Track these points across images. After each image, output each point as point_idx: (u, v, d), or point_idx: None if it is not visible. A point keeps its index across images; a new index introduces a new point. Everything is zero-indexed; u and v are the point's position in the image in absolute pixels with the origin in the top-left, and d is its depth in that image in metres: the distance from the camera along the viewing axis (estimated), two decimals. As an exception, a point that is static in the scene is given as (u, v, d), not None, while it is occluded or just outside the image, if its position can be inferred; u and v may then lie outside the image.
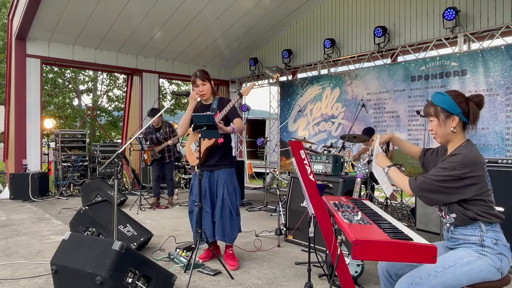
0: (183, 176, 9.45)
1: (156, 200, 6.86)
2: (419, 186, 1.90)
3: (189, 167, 8.71)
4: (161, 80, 11.20)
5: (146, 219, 5.64)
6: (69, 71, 19.13)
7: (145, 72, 9.60)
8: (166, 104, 18.83)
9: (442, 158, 2.03)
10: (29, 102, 7.96)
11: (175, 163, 7.73)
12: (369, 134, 5.66)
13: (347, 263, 2.85)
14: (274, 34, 9.38)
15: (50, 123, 8.58)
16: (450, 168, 1.83)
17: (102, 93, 20.56)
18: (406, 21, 6.94)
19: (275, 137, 9.76)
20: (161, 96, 15.84)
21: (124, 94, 18.64)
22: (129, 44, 8.78)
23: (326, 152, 5.59)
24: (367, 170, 2.66)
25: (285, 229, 4.46)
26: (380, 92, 7.18)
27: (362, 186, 4.78)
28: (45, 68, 16.17)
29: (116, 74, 18.17)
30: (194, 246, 3.45)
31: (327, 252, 3.22)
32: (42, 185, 7.48)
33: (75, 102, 20.47)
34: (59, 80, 18.88)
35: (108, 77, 20.31)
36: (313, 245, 2.71)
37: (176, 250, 3.82)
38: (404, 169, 5.70)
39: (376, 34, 6.98)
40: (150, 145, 6.72)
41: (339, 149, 5.52)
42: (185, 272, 3.40)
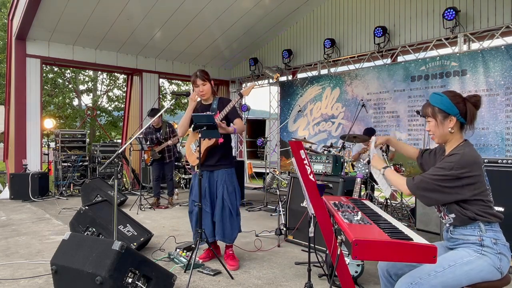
0: (183, 176, 9.45)
1: (156, 200, 6.86)
2: (417, 185, 1.91)
3: (189, 167, 8.71)
4: (161, 80, 11.20)
5: (146, 219, 5.64)
6: (69, 71, 19.13)
7: (145, 72, 9.60)
8: (166, 104, 18.83)
9: (440, 158, 2.03)
10: (29, 102, 7.96)
11: (175, 163, 7.73)
12: (369, 134, 5.66)
13: (347, 263, 2.85)
14: (274, 34, 9.38)
15: (50, 123, 8.58)
16: (447, 168, 1.84)
17: (102, 93, 20.57)
18: (406, 21, 6.94)
19: (275, 137, 9.76)
20: (161, 96, 15.84)
21: (124, 94, 18.64)
22: (129, 44, 8.79)
23: (326, 152, 5.59)
24: (367, 170, 2.65)
25: (285, 229, 4.46)
26: (380, 92, 7.18)
27: (362, 186, 4.78)
28: (45, 68, 16.17)
29: (116, 74, 18.17)
30: (194, 246, 3.45)
31: (327, 252, 3.22)
32: (42, 185, 7.49)
33: (75, 102, 20.51)
34: (59, 80, 18.89)
35: (108, 77, 20.32)
36: (313, 245, 2.71)
37: (176, 250, 3.82)
38: (404, 169, 5.70)
39: (376, 34, 6.98)
40: (150, 145, 6.72)
41: (339, 149, 5.52)
42: (185, 272, 3.40)
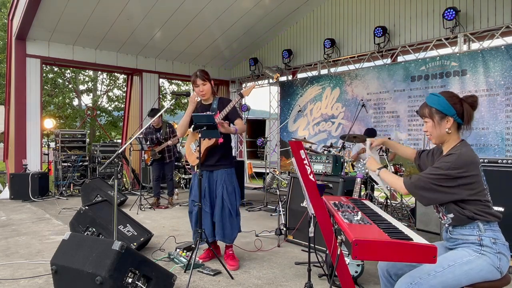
0: (183, 176, 9.45)
1: (156, 200, 6.86)
2: (414, 184, 1.91)
3: (189, 167, 8.72)
4: (161, 80, 11.20)
5: (146, 219, 5.64)
6: (69, 71, 19.13)
7: (145, 72, 9.60)
8: (166, 104, 18.83)
9: (438, 159, 2.04)
10: (29, 102, 7.96)
11: (175, 163, 7.73)
12: (370, 135, 5.66)
13: (347, 263, 2.85)
14: (274, 34, 9.38)
15: (50, 123, 8.58)
16: (444, 167, 1.85)
17: (102, 93, 20.57)
18: (406, 21, 6.94)
19: (275, 137, 9.76)
20: (161, 96, 15.84)
21: (124, 94, 18.64)
22: (129, 44, 8.79)
23: (326, 152, 5.59)
24: (367, 170, 2.65)
25: (285, 229, 4.45)
26: (380, 92, 7.18)
27: (362, 186, 4.79)
28: (45, 68, 16.17)
29: (116, 74, 18.17)
30: (194, 246, 3.45)
31: (327, 252, 3.22)
32: (42, 185, 7.48)
33: (75, 102, 20.51)
34: (59, 80, 18.88)
35: (108, 77, 20.32)
36: (313, 245, 2.71)
37: (176, 250, 3.82)
38: (404, 169, 5.70)
39: (376, 34, 6.98)
40: (150, 145, 6.72)
41: (339, 149, 5.52)
42: (185, 272, 3.40)
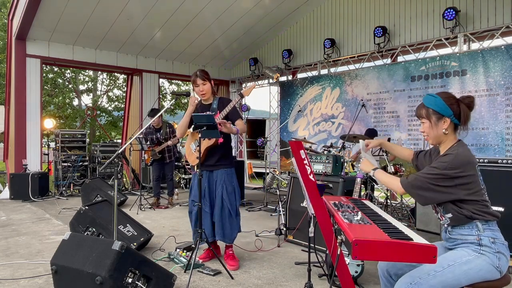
0: (183, 176, 9.45)
1: (156, 200, 6.86)
2: (411, 184, 1.92)
3: (189, 167, 8.71)
4: (161, 80, 11.20)
5: (146, 219, 5.64)
6: (69, 71, 19.13)
7: (145, 72, 9.60)
8: (166, 104, 18.83)
9: (435, 159, 2.04)
10: (29, 102, 7.96)
11: (175, 163, 7.73)
12: (371, 135, 5.67)
13: (347, 263, 2.85)
14: (274, 34, 9.38)
15: (50, 123, 8.58)
16: (441, 167, 1.86)
17: (102, 93, 20.57)
18: (406, 21, 6.94)
19: (275, 137, 9.76)
20: (161, 96, 15.84)
21: (124, 94, 18.64)
22: (129, 44, 8.78)
23: (326, 152, 5.59)
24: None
25: (285, 229, 4.45)
26: (380, 92, 7.18)
27: (362, 186, 4.79)
28: (45, 68, 16.17)
29: (116, 74, 18.17)
30: (194, 246, 3.45)
31: (327, 252, 3.22)
32: (42, 185, 7.48)
33: (75, 102, 20.52)
34: (59, 80, 18.89)
35: (108, 77, 20.32)
36: (313, 245, 2.71)
37: (176, 250, 3.82)
38: (404, 169, 5.69)
39: (376, 34, 6.98)
40: (150, 145, 6.72)
41: (339, 149, 5.52)
42: (185, 272, 3.40)
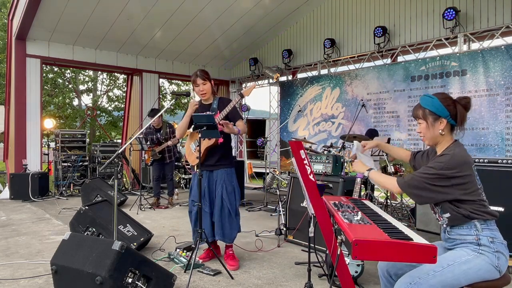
0: (183, 176, 9.45)
1: (156, 200, 6.86)
2: (407, 183, 1.93)
3: (189, 167, 8.71)
4: (161, 80, 11.20)
5: (146, 219, 5.64)
6: (69, 71, 19.13)
7: (145, 72, 9.60)
8: (166, 104, 18.83)
9: (433, 159, 2.05)
10: (29, 102, 7.96)
11: (175, 163, 7.73)
12: (371, 135, 5.67)
13: (347, 263, 2.85)
14: (274, 34, 9.38)
15: (50, 123, 8.58)
16: (437, 167, 1.86)
17: (102, 93, 20.57)
18: (406, 21, 6.94)
19: (275, 137, 9.76)
20: (161, 96, 15.84)
21: (124, 94, 18.64)
22: (129, 44, 8.78)
23: (326, 152, 5.58)
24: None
25: (285, 229, 4.45)
26: (380, 92, 7.18)
27: (362, 186, 4.79)
28: (45, 68, 16.17)
29: (116, 74, 18.17)
30: (194, 246, 3.45)
31: (327, 252, 3.22)
32: (42, 185, 7.48)
33: (75, 102, 20.52)
34: (59, 80, 18.89)
35: (108, 77, 20.32)
36: (313, 245, 2.71)
37: (176, 250, 3.82)
38: (404, 169, 5.70)
39: (376, 34, 6.98)
40: (150, 145, 6.72)
41: (339, 149, 5.52)
42: (185, 272, 3.40)
